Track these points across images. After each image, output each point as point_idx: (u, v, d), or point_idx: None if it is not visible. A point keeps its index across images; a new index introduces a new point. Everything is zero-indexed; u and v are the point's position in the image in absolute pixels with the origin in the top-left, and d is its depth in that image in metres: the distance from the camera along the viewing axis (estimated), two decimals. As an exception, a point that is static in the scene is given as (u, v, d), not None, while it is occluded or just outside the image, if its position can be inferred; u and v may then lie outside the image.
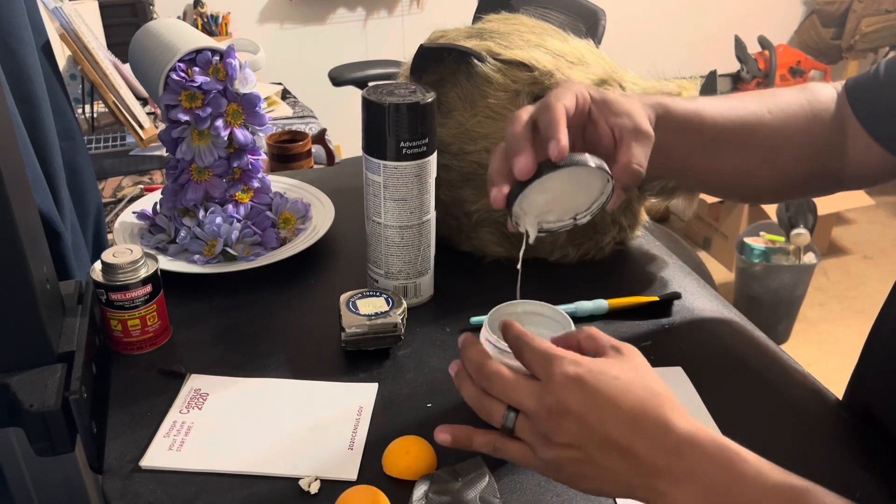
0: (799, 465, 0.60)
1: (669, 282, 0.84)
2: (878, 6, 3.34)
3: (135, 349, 0.72)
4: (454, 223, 0.87)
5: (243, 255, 0.84)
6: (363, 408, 0.66)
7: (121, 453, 0.61)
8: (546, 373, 0.49)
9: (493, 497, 0.56)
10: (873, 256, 3.06)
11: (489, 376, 0.51)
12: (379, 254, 0.78)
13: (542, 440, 0.49)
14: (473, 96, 0.81)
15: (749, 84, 3.29)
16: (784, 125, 0.73)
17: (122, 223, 0.90)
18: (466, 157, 0.82)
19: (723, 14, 3.42)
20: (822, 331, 2.65)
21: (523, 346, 0.51)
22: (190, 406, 0.66)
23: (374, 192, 0.75)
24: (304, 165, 1.52)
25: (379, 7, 2.96)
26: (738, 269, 2.63)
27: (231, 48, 0.83)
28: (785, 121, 0.73)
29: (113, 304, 0.70)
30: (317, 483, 0.58)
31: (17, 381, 0.60)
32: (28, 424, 0.59)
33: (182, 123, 0.83)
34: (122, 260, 0.69)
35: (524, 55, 0.80)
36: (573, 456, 0.48)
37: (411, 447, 0.60)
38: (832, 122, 0.73)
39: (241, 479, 0.59)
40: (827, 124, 0.73)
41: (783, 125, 0.73)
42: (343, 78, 2.38)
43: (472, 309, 0.78)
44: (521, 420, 0.50)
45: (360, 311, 0.72)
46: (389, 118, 0.70)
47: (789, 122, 0.73)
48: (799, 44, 3.58)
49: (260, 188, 0.90)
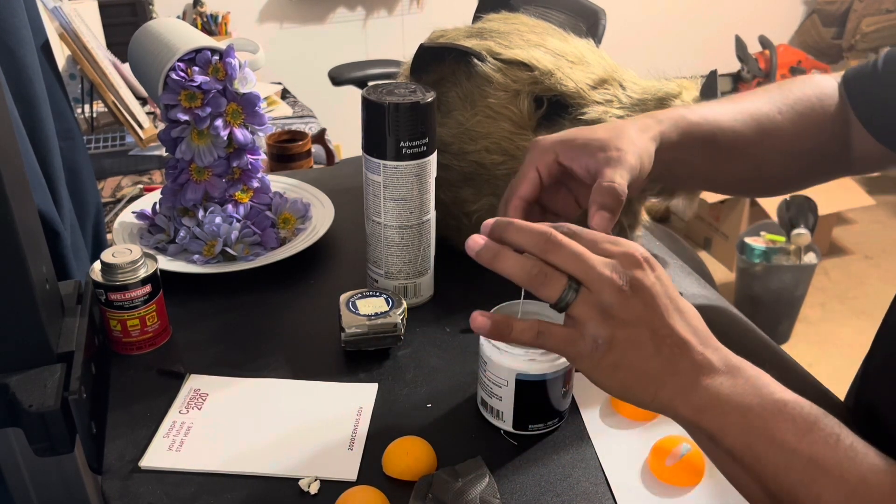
0: (799, 466, 0.60)
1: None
2: (879, 6, 3.34)
3: (134, 349, 0.72)
4: (454, 223, 0.87)
5: (243, 254, 0.84)
6: (363, 408, 0.66)
7: (120, 453, 0.61)
8: (618, 251, 0.49)
9: (493, 497, 0.56)
10: (874, 256, 3.06)
11: (557, 244, 0.49)
12: (379, 254, 0.78)
13: (601, 315, 0.48)
14: (473, 96, 0.81)
15: (749, 84, 3.29)
16: (795, 123, 0.74)
17: (121, 223, 0.90)
18: (466, 156, 0.82)
19: (723, 14, 3.42)
20: (823, 331, 2.65)
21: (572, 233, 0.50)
22: (189, 406, 0.66)
23: (373, 192, 0.75)
24: (303, 165, 1.52)
25: (379, 7, 2.96)
26: (739, 269, 2.63)
27: (231, 48, 0.83)
28: (795, 119, 0.74)
29: (112, 304, 0.70)
30: (317, 483, 0.58)
31: (16, 382, 0.60)
32: (27, 424, 0.59)
33: (181, 123, 0.83)
34: (122, 260, 0.69)
35: (524, 55, 0.79)
36: (627, 336, 0.48)
37: (411, 447, 0.60)
38: (837, 113, 0.74)
39: (240, 479, 0.59)
40: (832, 115, 0.74)
41: (794, 124, 0.74)
42: (343, 78, 2.38)
43: (472, 309, 0.77)
44: (584, 293, 0.49)
45: (360, 311, 0.72)
46: (389, 118, 0.70)
47: (800, 119, 0.74)
48: (800, 43, 3.59)
49: (259, 188, 0.90)
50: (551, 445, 0.62)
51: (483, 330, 0.51)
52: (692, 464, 0.58)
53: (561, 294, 0.49)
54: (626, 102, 0.81)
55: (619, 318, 0.48)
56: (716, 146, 0.71)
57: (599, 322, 0.48)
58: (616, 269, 0.48)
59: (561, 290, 0.49)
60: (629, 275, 0.48)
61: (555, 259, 0.49)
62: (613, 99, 0.81)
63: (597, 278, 0.48)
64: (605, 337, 0.48)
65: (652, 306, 0.48)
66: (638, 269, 0.48)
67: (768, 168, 0.75)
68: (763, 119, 0.73)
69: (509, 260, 0.50)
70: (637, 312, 0.48)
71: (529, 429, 0.62)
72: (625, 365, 0.48)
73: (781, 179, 0.78)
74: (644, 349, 0.48)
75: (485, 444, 0.62)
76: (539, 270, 0.49)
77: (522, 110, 0.79)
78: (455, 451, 0.61)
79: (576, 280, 0.49)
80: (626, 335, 0.48)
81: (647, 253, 0.50)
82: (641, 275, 0.48)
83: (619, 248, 0.49)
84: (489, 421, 0.64)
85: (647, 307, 0.48)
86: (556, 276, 0.49)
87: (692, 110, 0.71)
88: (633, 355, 0.48)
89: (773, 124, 0.73)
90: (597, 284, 0.48)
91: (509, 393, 0.61)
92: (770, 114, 0.73)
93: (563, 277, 0.49)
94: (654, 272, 0.49)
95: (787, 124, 0.73)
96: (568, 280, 0.49)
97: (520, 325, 0.51)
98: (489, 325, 0.51)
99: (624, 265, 0.48)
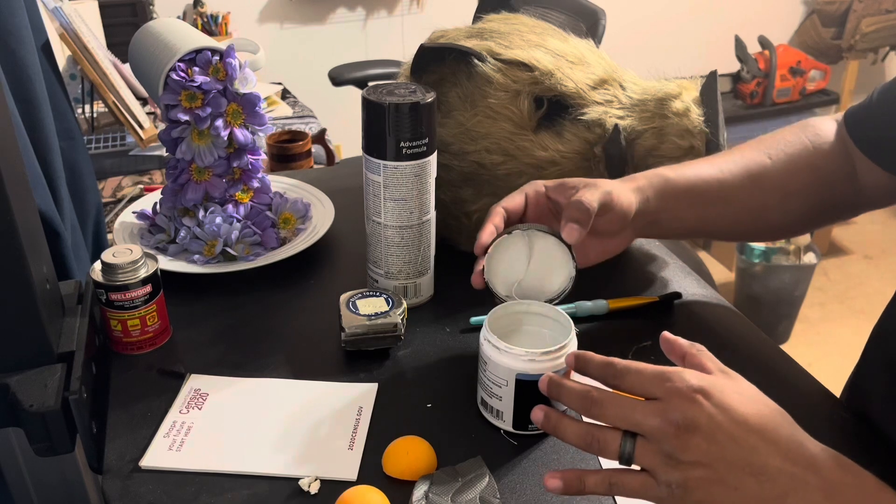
0: (799, 466, 0.60)
1: (669, 282, 0.84)
2: (879, 6, 3.34)
3: (135, 349, 0.72)
4: (454, 223, 0.87)
5: (243, 255, 0.84)
6: (363, 408, 0.66)
7: (121, 453, 0.61)
8: (666, 388, 0.47)
9: (493, 497, 0.56)
10: (873, 256, 3.06)
11: (601, 401, 0.49)
12: (379, 254, 0.78)
13: (667, 462, 0.46)
14: (474, 96, 0.81)
15: (749, 84, 3.29)
16: (787, 166, 0.74)
17: (121, 223, 0.90)
18: (466, 157, 0.82)
19: (723, 14, 3.42)
20: (823, 331, 2.65)
21: (625, 371, 0.49)
22: (190, 406, 0.66)
23: (374, 192, 0.75)
24: (304, 165, 1.52)
25: (379, 7, 2.95)
26: (739, 269, 2.63)
27: (231, 48, 0.83)
28: (787, 162, 0.74)
29: (113, 304, 0.70)
30: (317, 483, 0.58)
31: (16, 381, 0.60)
32: (28, 424, 0.59)
33: (182, 123, 0.83)
34: (122, 260, 0.69)
35: (524, 55, 0.79)
36: (702, 475, 0.46)
37: (411, 447, 0.60)
38: (837, 153, 0.74)
39: (241, 479, 0.59)
40: (831, 156, 0.74)
41: (786, 166, 0.74)
42: (343, 78, 2.38)
43: (472, 309, 0.78)
44: (641, 444, 0.47)
45: (360, 311, 0.72)
46: (389, 118, 0.70)
47: (792, 161, 0.74)
48: (799, 44, 3.58)
49: (260, 188, 0.90)
50: (551, 445, 0.62)
51: (557, 490, 0.51)
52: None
53: (619, 451, 0.48)
54: (626, 103, 0.81)
55: (686, 461, 0.46)
56: (700, 196, 0.73)
57: (668, 467, 0.46)
58: (666, 413, 0.46)
59: (618, 447, 0.48)
60: (681, 415, 0.46)
61: (601, 419, 0.49)
62: (613, 99, 0.81)
63: (648, 430, 0.47)
64: (678, 482, 0.46)
65: (717, 441, 0.45)
66: (690, 405, 0.46)
67: (767, 212, 0.75)
68: (752, 165, 0.74)
69: (567, 430, 0.51)
70: (702, 451, 0.45)
71: (529, 429, 0.62)
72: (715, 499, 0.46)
73: (784, 222, 0.77)
74: (723, 484, 0.45)
75: (485, 444, 0.62)
76: (592, 437, 0.50)
77: (522, 110, 0.79)
78: (455, 451, 0.61)
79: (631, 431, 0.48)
80: (700, 475, 0.46)
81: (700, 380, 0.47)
82: (696, 412, 0.46)
83: (668, 386, 0.47)
84: (489, 421, 0.64)
85: (712, 443, 0.45)
86: (609, 435, 0.49)
87: (672, 168, 0.74)
88: (717, 491, 0.46)
89: (762, 168, 0.74)
90: (649, 434, 0.47)
91: (509, 393, 0.61)
92: (758, 159, 0.74)
93: (616, 434, 0.48)
94: (709, 401, 0.46)
95: (777, 165, 0.74)
96: (623, 433, 0.48)
97: (592, 478, 0.50)
98: (561, 485, 0.50)
99: (674, 406, 0.46)
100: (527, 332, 0.66)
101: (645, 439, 0.47)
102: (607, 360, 0.51)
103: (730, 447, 0.45)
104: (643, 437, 0.47)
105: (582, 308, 0.77)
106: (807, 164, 0.74)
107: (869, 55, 3.48)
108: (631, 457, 0.48)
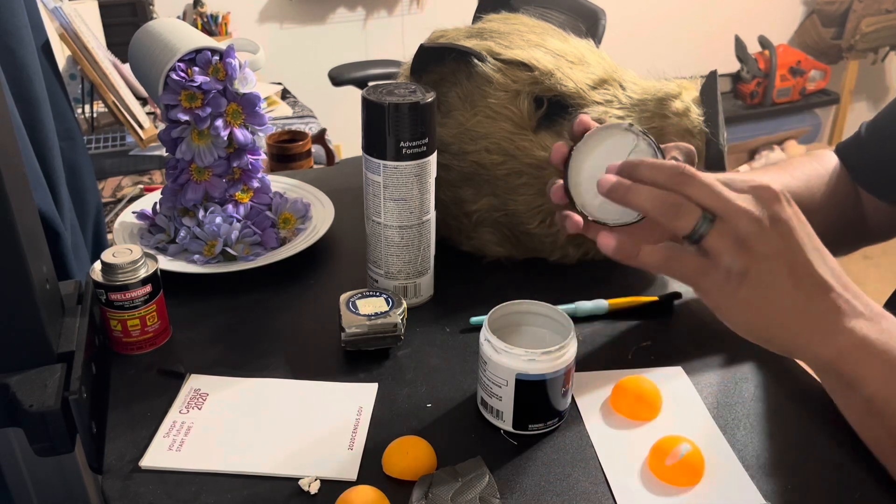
0: (798, 464, 0.60)
1: (669, 282, 0.84)
2: (879, 6, 3.34)
3: (134, 349, 0.72)
4: (454, 223, 0.87)
5: (243, 255, 0.84)
6: (363, 408, 0.66)
7: (120, 453, 0.61)
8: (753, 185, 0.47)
9: (493, 497, 0.56)
10: (873, 257, 3.06)
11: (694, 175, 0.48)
12: (379, 254, 0.78)
13: (737, 246, 0.46)
14: (474, 96, 0.81)
15: (749, 84, 3.29)
16: (808, 186, 0.75)
17: (121, 223, 0.90)
18: (466, 157, 0.82)
19: (723, 14, 3.42)
20: (823, 331, 2.65)
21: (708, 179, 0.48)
22: (189, 406, 0.66)
23: (373, 192, 0.75)
24: (303, 165, 1.52)
25: (379, 7, 2.96)
26: (739, 269, 2.63)
27: (231, 48, 0.83)
28: (808, 182, 0.75)
29: (112, 304, 0.70)
30: (317, 483, 0.58)
31: (16, 381, 0.60)
32: (28, 424, 0.59)
33: (182, 123, 0.83)
34: (122, 260, 0.69)
35: (524, 55, 0.79)
36: (765, 270, 0.46)
37: (411, 447, 0.60)
38: (845, 180, 0.76)
39: (241, 479, 0.59)
40: (840, 182, 0.75)
41: (807, 185, 0.75)
42: (343, 78, 2.39)
43: (472, 309, 0.78)
44: (719, 223, 0.47)
45: (360, 311, 0.72)
46: (389, 118, 0.70)
47: (812, 183, 0.75)
48: (799, 44, 3.58)
49: (260, 188, 0.90)
50: (551, 445, 0.62)
51: (608, 248, 0.49)
52: (692, 464, 0.58)
53: (695, 225, 0.47)
54: (626, 103, 0.81)
55: (756, 251, 0.46)
56: None
57: (734, 253, 0.46)
58: (753, 201, 0.46)
59: (695, 220, 0.47)
60: (767, 207, 0.46)
61: (690, 191, 0.48)
62: (613, 99, 0.81)
63: (733, 209, 0.47)
64: (740, 269, 0.46)
65: (790, 241, 0.46)
66: (776, 202, 0.47)
67: None
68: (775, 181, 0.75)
69: (643, 192, 0.49)
70: (774, 246, 0.46)
71: (529, 429, 0.62)
72: (758, 301, 0.46)
73: None
74: (781, 286, 0.46)
75: (485, 444, 0.62)
76: (674, 201, 0.48)
77: (522, 110, 0.79)
78: (455, 451, 0.61)
79: (710, 212, 0.47)
80: (762, 269, 0.46)
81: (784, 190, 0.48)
82: (779, 208, 0.46)
83: (755, 183, 0.48)
84: (489, 421, 0.64)
85: (785, 241, 0.46)
86: (690, 206, 0.48)
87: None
88: (769, 291, 0.46)
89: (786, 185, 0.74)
90: (733, 215, 0.46)
91: (509, 393, 0.61)
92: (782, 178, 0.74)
93: (697, 209, 0.48)
94: (791, 207, 0.47)
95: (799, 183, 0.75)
96: (703, 212, 0.48)
97: (648, 250, 0.49)
98: (615, 245, 0.49)
99: (761, 198, 0.47)
100: (527, 332, 0.66)
101: (723, 221, 0.47)
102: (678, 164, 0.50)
103: (800, 251, 0.46)
104: (721, 220, 0.47)
105: (582, 308, 0.77)
106: (824, 185, 0.75)
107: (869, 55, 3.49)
108: (703, 234, 0.47)
